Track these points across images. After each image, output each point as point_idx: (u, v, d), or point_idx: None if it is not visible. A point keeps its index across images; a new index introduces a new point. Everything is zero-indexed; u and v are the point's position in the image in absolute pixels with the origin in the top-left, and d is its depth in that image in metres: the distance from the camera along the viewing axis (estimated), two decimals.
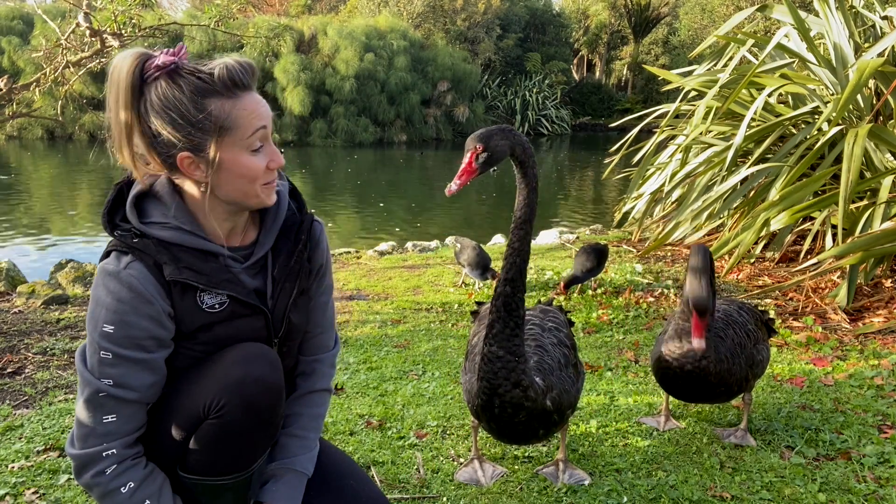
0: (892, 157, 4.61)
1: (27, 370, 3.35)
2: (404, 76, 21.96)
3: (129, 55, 1.37)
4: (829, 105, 4.46)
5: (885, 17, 5.22)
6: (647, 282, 5.18)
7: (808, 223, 5.08)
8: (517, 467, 2.39)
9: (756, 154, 5.00)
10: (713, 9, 25.32)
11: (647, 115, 6.80)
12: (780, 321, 4.11)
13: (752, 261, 5.47)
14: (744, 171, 4.84)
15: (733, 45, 5.76)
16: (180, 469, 1.51)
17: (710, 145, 5.54)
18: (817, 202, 4.32)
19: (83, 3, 4.66)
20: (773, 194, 4.53)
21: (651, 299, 4.72)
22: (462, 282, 5.35)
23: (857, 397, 2.95)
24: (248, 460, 1.52)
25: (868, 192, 4.49)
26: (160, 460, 1.52)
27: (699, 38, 25.86)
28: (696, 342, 2.21)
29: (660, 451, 2.49)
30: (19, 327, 3.98)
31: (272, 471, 1.65)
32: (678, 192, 5.96)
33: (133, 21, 4.81)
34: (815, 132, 4.66)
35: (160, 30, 6.04)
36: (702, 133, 5.32)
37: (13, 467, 2.32)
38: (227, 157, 1.41)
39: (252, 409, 1.44)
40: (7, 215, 10.00)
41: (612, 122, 24.85)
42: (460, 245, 5.03)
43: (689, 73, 6.46)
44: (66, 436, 2.57)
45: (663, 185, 5.92)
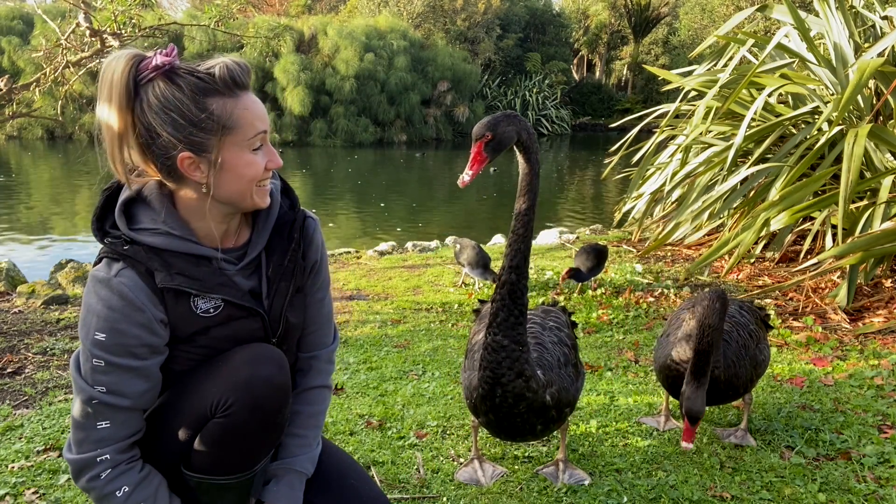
0: (892, 157, 4.61)
1: (27, 370, 3.35)
2: (404, 76, 21.96)
3: (121, 56, 1.35)
4: (829, 105, 4.46)
5: (885, 17, 5.22)
6: (647, 282, 5.18)
7: (808, 223, 5.08)
8: (517, 467, 2.39)
9: (756, 154, 5.00)
10: (713, 9, 25.32)
11: (647, 115, 6.80)
12: (780, 321, 4.11)
13: (752, 261, 5.47)
14: (744, 171, 4.84)
15: (733, 45, 5.75)
16: (184, 467, 1.51)
17: (710, 145, 5.54)
18: (817, 202, 4.32)
19: (82, 3, 4.66)
20: (773, 194, 4.53)
21: (651, 299, 4.72)
22: (462, 282, 5.35)
23: (857, 397, 2.95)
24: (252, 460, 1.52)
25: (868, 192, 4.49)
26: (165, 459, 1.52)
27: (699, 38, 25.87)
28: (684, 444, 2.18)
29: (660, 451, 2.49)
30: (19, 327, 3.98)
31: (272, 471, 1.65)
32: (678, 192, 5.95)
33: (133, 21, 4.81)
34: (815, 132, 4.66)
35: (160, 30, 6.04)
36: (702, 133, 5.32)
37: (13, 467, 2.32)
38: (228, 156, 1.41)
39: (259, 409, 1.44)
40: (7, 215, 10.00)
41: (612, 122, 24.87)
42: (460, 245, 5.03)
43: (689, 73, 6.45)
44: (65, 436, 2.57)
45: (663, 185, 5.92)
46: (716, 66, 6.18)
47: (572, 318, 2.63)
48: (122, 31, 4.72)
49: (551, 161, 20.85)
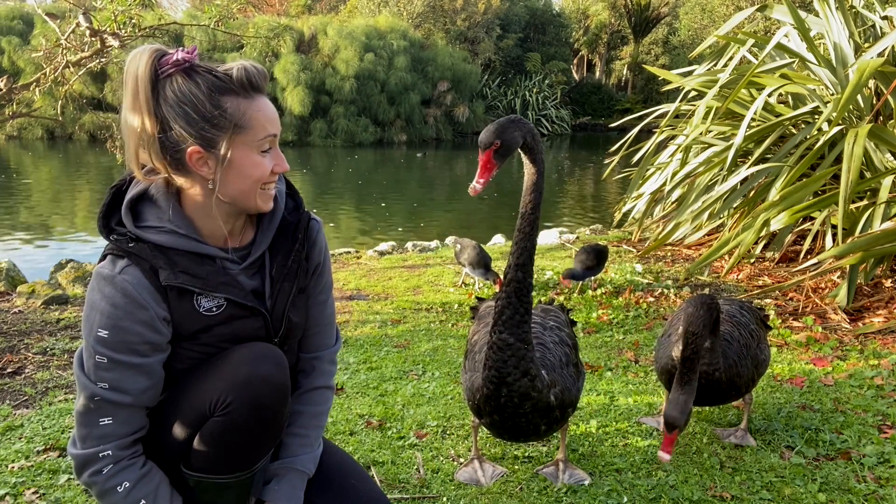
0: (892, 157, 4.61)
1: (27, 370, 3.35)
2: (404, 76, 21.96)
3: (145, 50, 1.39)
4: (829, 105, 4.46)
5: (885, 17, 5.22)
6: (647, 282, 5.18)
7: (808, 223, 5.08)
8: (517, 467, 2.39)
9: (756, 154, 5.00)
10: (713, 9, 25.33)
11: (647, 115, 6.80)
12: (780, 321, 4.11)
13: (752, 261, 5.47)
14: (744, 171, 4.84)
15: (733, 45, 5.75)
16: (184, 467, 1.52)
17: (710, 145, 5.54)
18: (817, 202, 4.32)
19: (81, 3, 4.66)
20: (773, 194, 4.53)
21: (651, 299, 4.72)
22: (462, 282, 5.35)
23: (857, 397, 2.95)
24: (251, 459, 1.52)
25: (868, 192, 4.49)
26: (164, 458, 1.53)
27: (699, 38, 25.88)
28: (661, 455, 2.05)
29: None
30: (19, 327, 3.98)
31: (274, 470, 1.65)
32: (678, 192, 5.95)
33: (133, 21, 4.81)
34: (815, 132, 4.66)
35: (160, 30, 6.04)
36: (702, 133, 5.32)
37: (13, 467, 2.32)
38: (237, 154, 1.43)
39: (258, 408, 1.45)
40: (7, 215, 10.01)
41: (612, 122, 24.85)
42: (460, 245, 5.03)
43: (689, 73, 6.45)
44: (66, 436, 2.57)
45: (663, 185, 5.92)
46: (716, 66, 6.18)
47: (572, 317, 2.63)
48: (122, 31, 4.72)
49: (551, 161, 20.85)
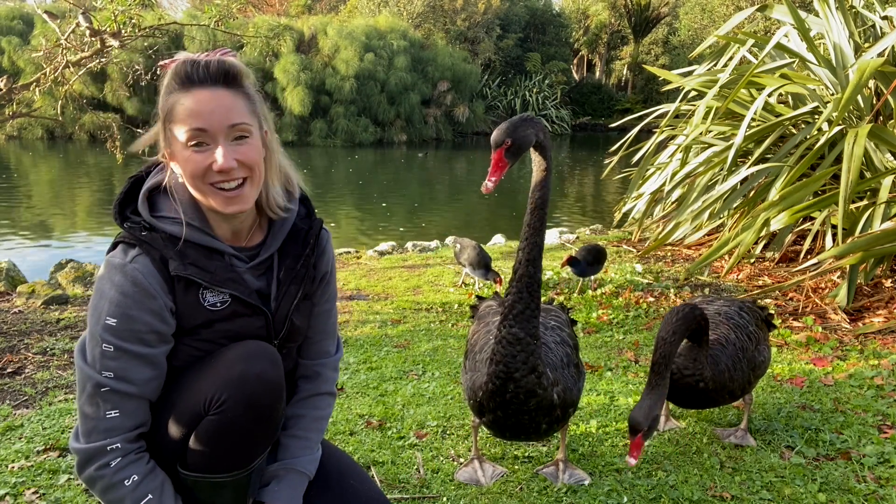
0: (892, 157, 4.61)
1: (27, 370, 3.35)
2: (404, 76, 21.96)
3: (181, 55, 1.46)
4: (829, 105, 4.46)
5: (885, 17, 5.22)
6: (647, 282, 5.18)
7: (808, 223, 5.08)
8: (517, 467, 2.39)
9: (756, 154, 5.00)
10: (713, 9, 25.33)
11: (647, 115, 6.80)
12: (780, 321, 4.11)
13: (752, 261, 5.47)
14: (744, 171, 4.84)
15: (733, 45, 5.75)
16: (180, 467, 1.52)
17: (710, 145, 5.54)
18: (817, 202, 4.31)
19: (81, 3, 4.66)
20: (773, 194, 4.53)
21: (651, 299, 4.72)
22: (462, 282, 5.35)
23: (857, 397, 2.95)
24: (247, 458, 1.52)
25: (868, 192, 4.49)
26: (160, 457, 1.53)
27: (699, 38, 25.88)
28: (628, 459, 1.99)
29: (660, 451, 2.49)
30: (19, 327, 3.98)
31: (274, 471, 1.65)
32: (678, 192, 5.95)
33: (133, 21, 4.80)
34: (815, 132, 4.66)
35: (160, 30, 6.04)
36: (702, 133, 5.32)
37: (13, 467, 2.32)
38: (174, 148, 1.45)
39: (253, 406, 1.44)
40: (7, 215, 10.00)
41: (612, 122, 24.86)
42: (460, 245, 5.03)
43: (689, 73, 6.45)
44: (66, 436, 2.57)
45: (663, 185, 5.92)
46: (716, 66, 6.18)
47: (571, 316, 2.63)
48: (123, 31, 4.72)
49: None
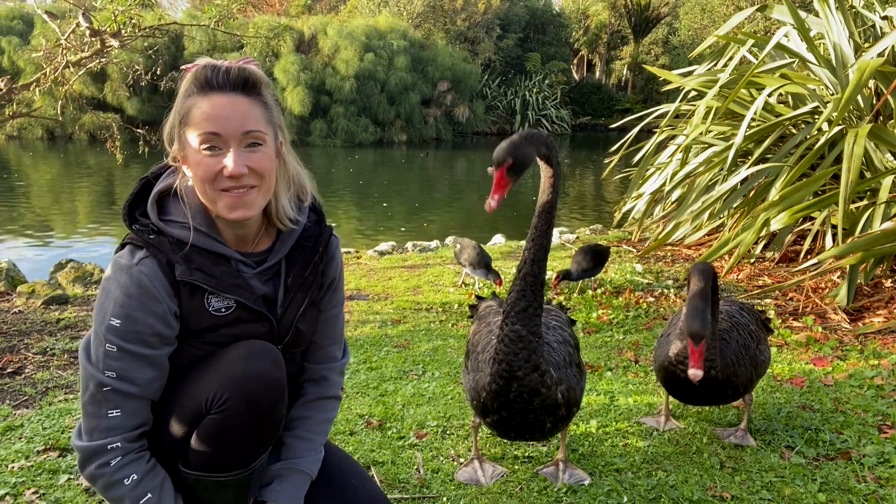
0: (892, 157, 4.61)
1: (27, 370, 3.35)
2: (404, 76, 21.96)
3: (202, 60, 1.48)
4: (829, 105, 4.46)
5: (885, 17, 5.22)
6: (647, 282, 5.18)
7: (808, 223, 5.08)
8: (517, 467, 2.39)
9: (756, 154, 5.00)
10: (713, 9, 25.32)
11: (647, 115, 6.80)
12: (780, 321, 4.11)
13: (752, 261, 5.47)
14: (744, 171, 4.84)
15: (733, 45, 5.76)
16: (182, 465, 1.52)
17: (710, 145, 5.54)
18: (817, 202, 4.31)
19: (81, 3, 4.66)
20: (773, 194, 4.53)
21: (651, 299, 4.72)
22: (462, 282, 5.35)
23: (857, 397, 2.95)
24: (249, 457, 1.52)
25: (868, 192, 4.49)
26: (162, 456, 1.53)
27: (699, 38, 25.87)
28: (692, 372, 2.11)
29: (660, 451, 2.49)
30: (19, 327, 3.98)
31: (277, 471, 1.66)
32: (678, 192, 5.96)
33: (133, 21, 4.80)
34: (815, 132, 4.66)
35: (160, 30, 6.04)
36: (702, 133, 5.32)
37: (13, 467, 2.32)
38: (188, 152, 1.45)
39: (254, 405, 1.45)
40: (7, 215, 10.00)
41: (612, 122, 24.88)
42: (460, 245, 5.02)
43: (689, 73, 6.46)
44: (66, 436, 2.57)
45: (663, 185, 5.92)
46: (716, 66, 6.18)
47: (570, 316, 2.63)
48: (123, 31, 4.72)
49: None
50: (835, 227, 4.40)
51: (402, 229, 9.74)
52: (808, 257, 4.85)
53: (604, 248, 4.85)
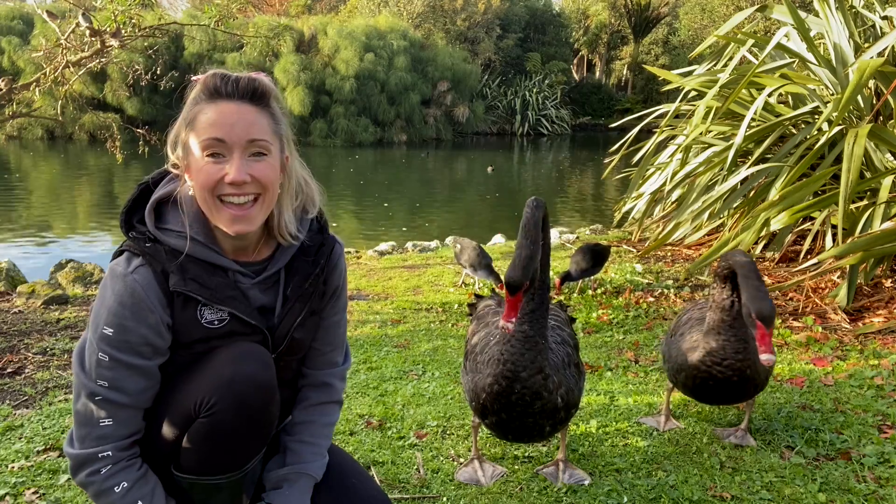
0: (892, 157, 4.61)
1: (27, 370, 3.35)
2: (404, 76, 21.97)
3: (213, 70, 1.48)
4: (829, 105, 4.46)
5: (885, 17, 5.22)
6: (647, 282, 5.18)
7: (808, 223, 5.07)
8: (517, 467, 2.39)
9: (756, 154, 5.00)
10: (713, 9, 25.34)
11: (647, 115, 6.80)
12: (780, 321, 4.11)
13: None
14: (744, 171, 4.84)
15: (733, 45, 5.75)
16: (174, 468, 1.52)
17: (710, 145, 5.54)
18: (817, 202, 4.31)
19: (81, 3, 4.66)
20: (773, 194, 4.53)
21: (651, 299, 4.72)
22: (462, 282, 5.35)
23: (857, 397, 2.95)
24: (240, 460, 1.51)
25: (868, 192, 4.49)
26: (155, 460, 1.53)
27: (699, 38, 25.88)
28: (765, 357, 1.93)
29: (660, 451, 2.49)
30: (19, 327, 3.98)
31: (284, 475, 1.66)
32: (678, 192, 5.95)
33: (133, 21, 4.80)
34: (815, 132, 4.65)
35: (160, 30, 6.04)
36: (702, 133, 5.32)
37: (13, 467, 2.32)
38: (191, 157, 1.44)
39: (243, 408, 1.44)
40: (7, 215, 10.01)
41: (612, 122, 24.87)
42: (460, 246, 5.01)
43: (689, 73, 6.45)
44: (66, 436, 2.56)
45: (663, 185, 5.92)
46: (716, 66, 6.18)
47: (570, 315, 2.63)
48: (122, 31, 4.72)
49: (551, 161, 20.86)
50: (835, 227, 4.40)
51: (402, 229, 9.74)
52: (808, 257, 4.85)
53: (603, 248, 4.84)
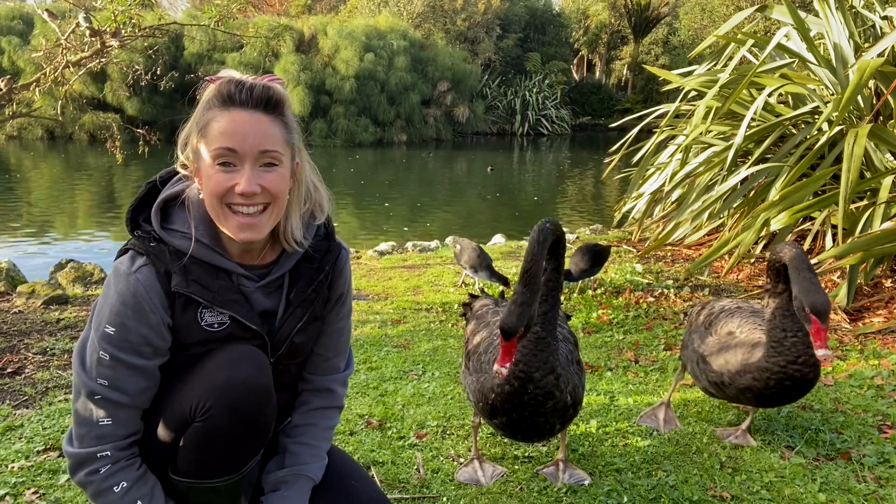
0: (892, 157, 4.60)
1: (27, 370, 3.35)
2: (404, 76, 21.97)
3: (226, 72, 1.47)
4: (829, 105, 4.46)
5: (885, 17, 5.22)
6: (647, 282, 5.18)
7: (808, 223, 5.08)
8: (517, 467, 2.39)
9: (756, 154, 5.00)
10: (713, 9, 25.34)
11: (647, 115, 6.80)
12: None
13: (752, 261, 5.47)
14: (744, 171, 4.84)
15: (733, 45, 5.75)
16: (171, 472, 1.52)
17: (710, 145, 5.54)
18: (817, 202, 4.31)
19: (81, 3, 4.66)
20: (773, 194, 4.53)
21: (651, 299, 4.72)
22: (462, 282, 5.35)
23: (857, 397, 2.95)
24: (237, 463, 1.51)
25: (868, 192, 4.48)
26: (152, 463, 1.53)
27: (699, 38, 25.87)
28: (822, 353, 1.90)
29: (660, 451, 2.49)
30: (19, 327, 3.98)
31: (284, 477, 1.66)
32: (678, 192, 5.95)
33: (133, 21, 4.80)
34: (815, 132, 4.65)
35: (160, 30, 6.04)
36: (702, 133, 5.32)
37: (13, 467, 2.32)
38: (201, 164, 1.43)
39: (238, 412, 1.43)
40: (7, 215, 10.01)
41: (612, 122, 24.89)
42: (460, 246, 4.99)
43: (689, 73, 6.45)
44: (66, 436, 2.57)
45: (663, 185, 5.92)
46: (716, 66, 6.17)
47: (566, 313, 2.63)
48: (122, 31, 4.72)
49: (551, 161, 20.87)
50: (835, 227, 4.40)
51: (402, 229, 9.74)
52: (809, 257, 4.85)
53: (603, 248, 4.83)
